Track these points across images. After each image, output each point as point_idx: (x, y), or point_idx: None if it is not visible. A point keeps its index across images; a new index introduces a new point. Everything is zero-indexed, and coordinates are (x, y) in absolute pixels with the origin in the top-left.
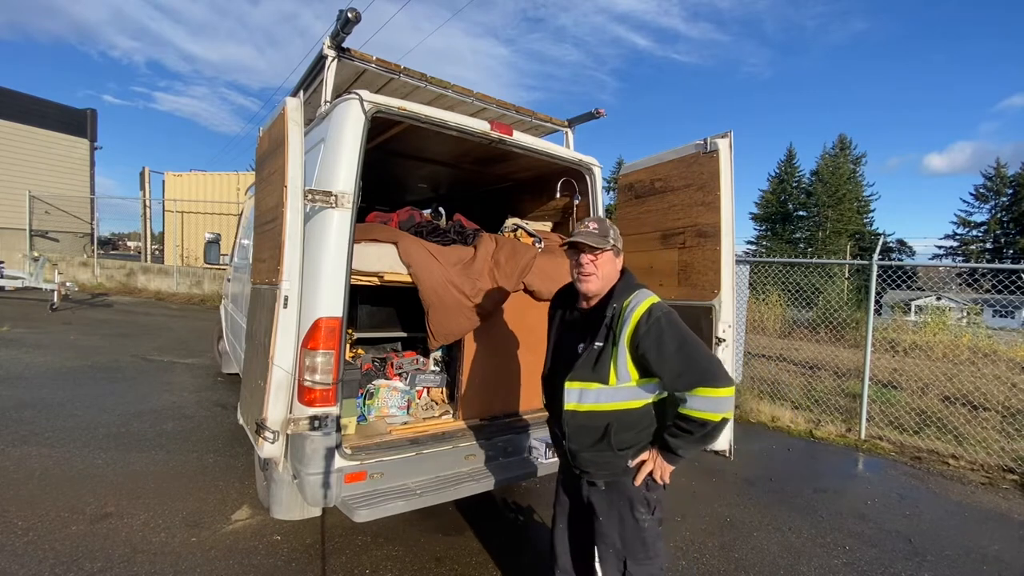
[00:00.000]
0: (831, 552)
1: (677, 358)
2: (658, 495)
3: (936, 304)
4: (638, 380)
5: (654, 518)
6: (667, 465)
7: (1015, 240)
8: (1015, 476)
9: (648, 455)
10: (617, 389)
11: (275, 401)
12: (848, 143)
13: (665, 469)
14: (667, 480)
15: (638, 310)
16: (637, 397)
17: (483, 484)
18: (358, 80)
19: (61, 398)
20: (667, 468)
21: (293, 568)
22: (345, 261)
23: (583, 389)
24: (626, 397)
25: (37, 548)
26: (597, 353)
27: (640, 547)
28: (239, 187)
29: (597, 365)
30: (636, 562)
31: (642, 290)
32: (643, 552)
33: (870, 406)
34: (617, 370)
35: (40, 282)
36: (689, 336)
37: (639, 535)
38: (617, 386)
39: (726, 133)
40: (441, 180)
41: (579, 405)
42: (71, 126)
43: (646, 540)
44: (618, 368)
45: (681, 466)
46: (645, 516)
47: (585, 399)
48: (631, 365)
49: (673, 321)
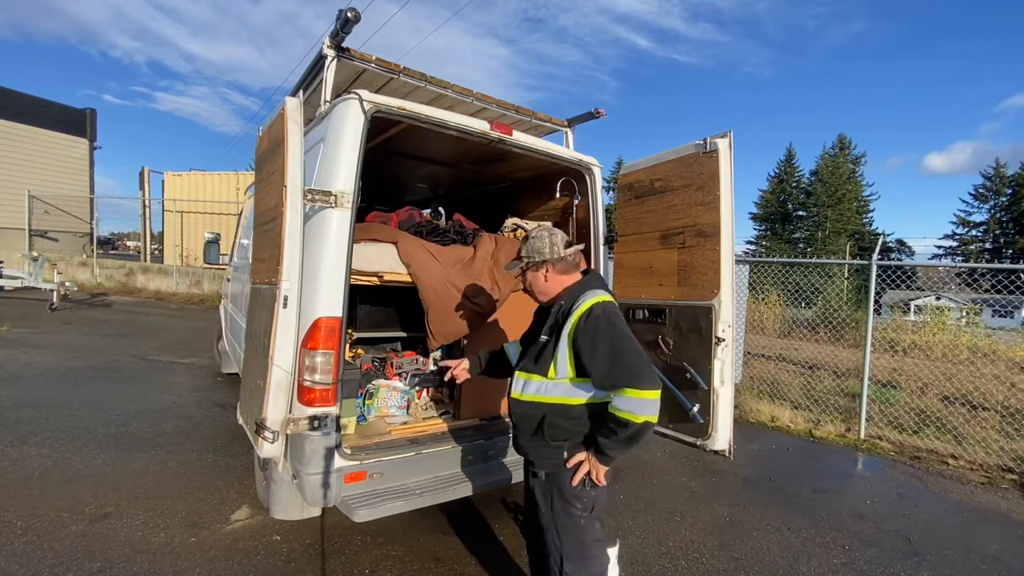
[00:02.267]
0: (830, 552)
1: (608, 357)
2: (596, 494)
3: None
4: (573, 378)
5: (592, 516)
6: (601, 466)
7: (1014, 240)
8: (1014, 476)
9: (584, 455)
10: (556, 383)
11: (275, 401)
12: (848, 143)
13: (599, 469)
14: (602, 480)
15: (581, 308)
16: (571, 394)
17: (483, 484)
18: (358, 80)
19: (60, 398)
20: (601, 468)
21: (292, 568)
22: (345, 261)
23: (527, 380)
24: (562, 393)
25: (36, 548)
26: (542, 346)
27: (576, 546)
28: (239, 187)
29: (540, 358)
30: (570, 561)
31: (593, 290)
32: (578, 551)
33: (869, 406)
34: (556, 364)
35: (39, 282)
36: (624, 337)
37: (575, 533)
38: (555, 380)
39: (725, 133)
40: (441, 180)
41: (522, 395)
42: (71, 126)
43: (582, 539)
44: (557, 363)
45: (681, 466)
46: (581, 514)
47: (527, 389)
48: (570, 361)
49: (611, 321)
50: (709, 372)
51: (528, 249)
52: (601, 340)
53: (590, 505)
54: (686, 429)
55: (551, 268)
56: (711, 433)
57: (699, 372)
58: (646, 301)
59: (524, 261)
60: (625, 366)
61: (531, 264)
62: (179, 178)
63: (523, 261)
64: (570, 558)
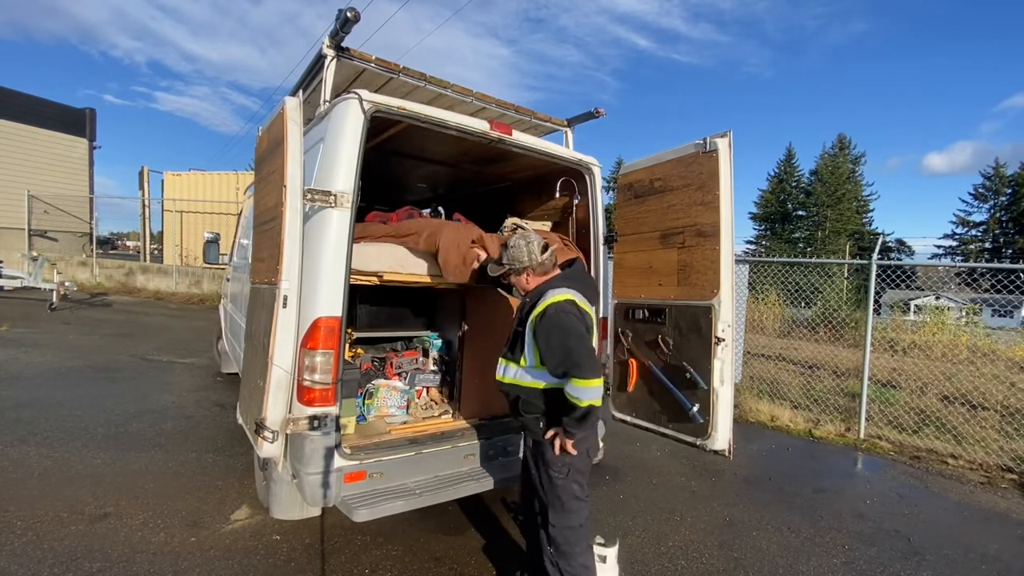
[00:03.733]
0: (830, 551)
1: (559, 349)
2: (571, 460)
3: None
4: (538, 365)
5: (568, 479)
6: (567, 438)
7: (1014, 240)
8: (1014, 475)
9: (553, 431)
10: (526, 370)
11: (274, 401)
12: (847, 143)
13: (565, 442)
14: (570, 450)
15: (542, 305)
16: (538, 380)
17: (482, 484)
18: (357, 80)
19: (60, 398)
20: (567, 440)
21: (292, 568)
22: (344, 261)
23: (506, 365)
24: (531, 378)
25: (36, 548)
26: (517, 336)
27: (556, 501)
28: (238, 186)
29: (515, 347)
30: (554, 513)
31: (554, 290)
32: (559, 505)
33: (869, 405)
34: (525, 352)
35: (39, 282)
36: (574, 333)
37: (554, 491)
38: (525, 367)
39: (725, 133)
40: (440, 180)
41: (503, 377)
42: (70, 125)
43: (561, 496)
44: (526, 351)
45: (680, 466)
46: (559, 476)
47: (507, 373)
48: (534, 350)
49: (563, 318)
50: (709, 372)
51: (508, 257)
52: (553, 335)
53: (565, 470)
54: (686, 429)
55: (531, 272)
56: (711, 433)
57: (699, 372)
58: (646, 301)
59: (506, 267)
60: (572, 359)
61: (512, 271)
62: (179, 178)
63: (504, 267)
64: (554, 511)
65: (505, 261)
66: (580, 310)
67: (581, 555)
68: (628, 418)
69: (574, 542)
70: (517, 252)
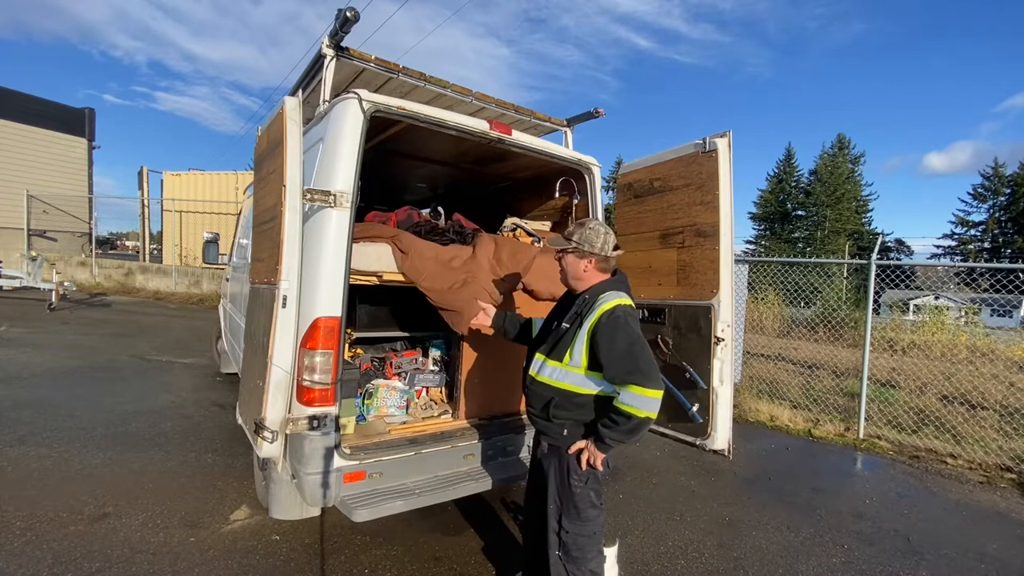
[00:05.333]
0: (829, 551)
1: (623, 354)
2: (594, 471)
3: (934, 303)
4: (586, 369)
5: (587, 487)
6: (597, 452)
7: (1013, 239)
8: (1013, 475)
9: (584, 443)
10: (567, 371)
11: (274, 401)
12: (847, 143)
13: (596, 456)
14: (598, 466)
15: (606, 305)
16: (581, 384)
17: (482, 484)
18: (357, 79)
19: (59, 398)
20: (598, 455)
21: (292, 568)
22: (344, 260)
23: (543, 362)
24: (572, 381)
25: (35, 548)
26: (562, 333)
27: (572, 509)
28: (237, 186)
29: (559, 343)
30: (569, 520)
31: (618, 292)
32: (575, 513)
33: (868, 405)
34: (572, 352)
35: (38, 282)
36: (639, 340)
37: (572, 499)
38: (567, 368)
39: (725, 133)
40: (440, 179)
41: (537, 374)
42: (69, 125)
43: (578, 504)
44: (574, 351)
45: (680, 465)
46: (578, 484)
47: (543, 371)
48: (585, 351)
49: (631, 323)
50: (708, 372)
51: (582, 237)
52: (620, 338)
53: (585, 478)
54: (685, 428)
55: (594, 261)
56: (710, 432)
57: (698, 372)
58: (645, 301)
59: (574, 244)
60: (637, 366)
61: (579, 251)
62: (178, 178)
63: (572, 244)
64: (568, 518)
65: (576, 240)
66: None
67: (592, 560)
68: None
69: (586, 548)
70: (593, 236)
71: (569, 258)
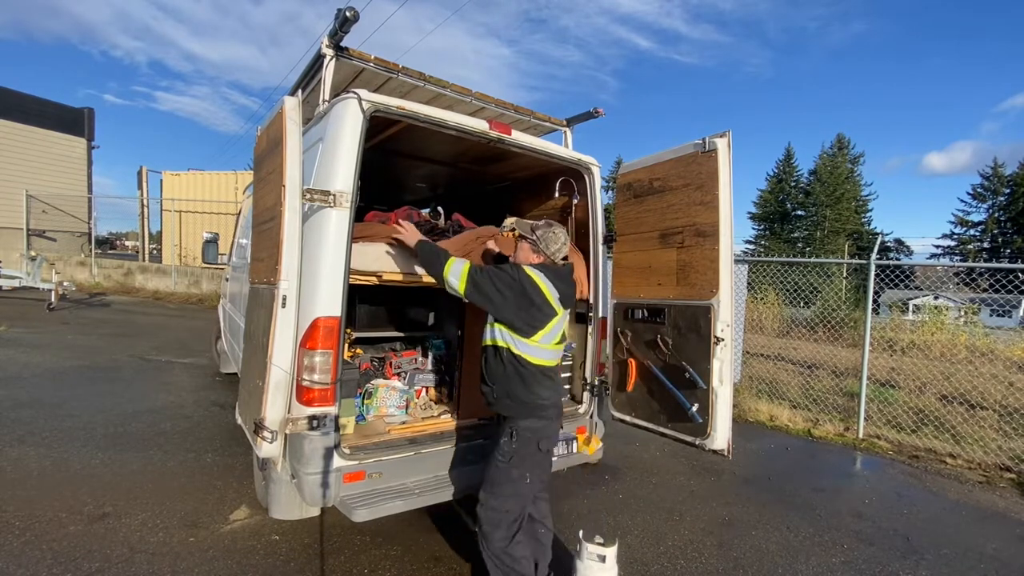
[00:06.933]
0: (829, 551)
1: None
2: (518, 450)
3: (934, 303)
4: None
5: (508, 464)
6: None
7: (1012, 239)
8: (1012, 475)
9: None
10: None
11: (273, 401)
12: (846, 143)
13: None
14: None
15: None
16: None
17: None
18: (356, 79)
19: (59, 398)
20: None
21: (291, 568)
22: (343, 260)
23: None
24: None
25: (35, 548)
26: None
27: (490, 482)
28: (237, 186)
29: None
30: (486, 493)
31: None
32: (492, 488)
33: (868, 405)
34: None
35: (38, 281)
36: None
37: (494, 473)
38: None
39: (724, 133)
40: (440, 179)
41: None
42: (69, 125)
43: (496, 479)
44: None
45: (680, 465)
46: (501, 460)
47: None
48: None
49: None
50: (708, 371)
51: (543, 236)
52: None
53: (508, 456)
54: (685, 428)
55: (542, 257)
56: (710, 432)
57: (698, 372)
58: (645, 301)
59: (533, 239)
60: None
61: (535, 246)
62: (177, 178)
63: (533, 237)
64: (486, 491)
65: (538, 236)
66: (532, 282)
67: (499, 541)
68: (627, 418)
69: (496, 525)
70: (552, 240)
71: (525, 245)
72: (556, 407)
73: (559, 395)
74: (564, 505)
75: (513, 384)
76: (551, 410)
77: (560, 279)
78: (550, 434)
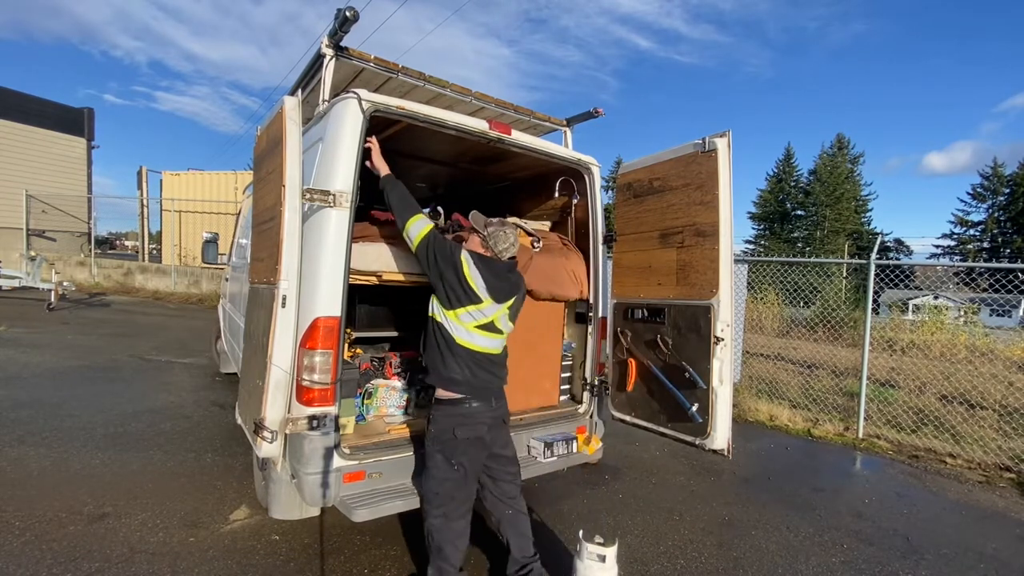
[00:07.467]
0: (829, 550)
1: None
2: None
3: (933, 303)
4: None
5: (432, 448)
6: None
7: (1012, 239)
8: (1012, 475)
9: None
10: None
11: (273, 401)
12: (846, 143)
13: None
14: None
15: None
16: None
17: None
18: (356, 79)
19: (58, 398)
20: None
21: (291, 568)
22: (343, 260)
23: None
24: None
25: (35, 548)
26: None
27: (424, 465)
28: (237, 186)
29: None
30: (422, 474)
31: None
32: (425, 469)
33: (868, 405)
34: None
35: (37, 281)
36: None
37: (426, 456)
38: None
39: (724, 132)
40: (439, 179)
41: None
42: (68, 125)
43: (427, 463)
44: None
45: (679, 465)
46: (429, 444)
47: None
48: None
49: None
50: (708, 371)
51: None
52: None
53: (431, 439)
54: (685, 428)
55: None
56: (710, 432)
57: (698, 371)
58: (645, 300)
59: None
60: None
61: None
62: (177, 177)
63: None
64: (423, 472)
65: (489, 232)
66: (460, 264)
67: (430, 518)
68: (627, 417)
69: (429, 502)
70: (502, 238)
71: (475, 239)
72: (474, 388)
73: (482, 381)
74: (564, 505)
75: (434, 356)
76: (463, 387)
77: (492, 272)
78: (469, 423)
